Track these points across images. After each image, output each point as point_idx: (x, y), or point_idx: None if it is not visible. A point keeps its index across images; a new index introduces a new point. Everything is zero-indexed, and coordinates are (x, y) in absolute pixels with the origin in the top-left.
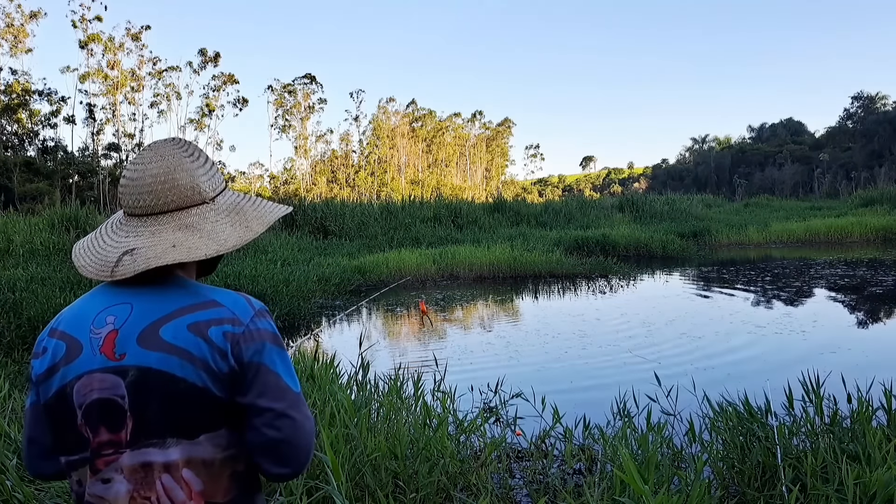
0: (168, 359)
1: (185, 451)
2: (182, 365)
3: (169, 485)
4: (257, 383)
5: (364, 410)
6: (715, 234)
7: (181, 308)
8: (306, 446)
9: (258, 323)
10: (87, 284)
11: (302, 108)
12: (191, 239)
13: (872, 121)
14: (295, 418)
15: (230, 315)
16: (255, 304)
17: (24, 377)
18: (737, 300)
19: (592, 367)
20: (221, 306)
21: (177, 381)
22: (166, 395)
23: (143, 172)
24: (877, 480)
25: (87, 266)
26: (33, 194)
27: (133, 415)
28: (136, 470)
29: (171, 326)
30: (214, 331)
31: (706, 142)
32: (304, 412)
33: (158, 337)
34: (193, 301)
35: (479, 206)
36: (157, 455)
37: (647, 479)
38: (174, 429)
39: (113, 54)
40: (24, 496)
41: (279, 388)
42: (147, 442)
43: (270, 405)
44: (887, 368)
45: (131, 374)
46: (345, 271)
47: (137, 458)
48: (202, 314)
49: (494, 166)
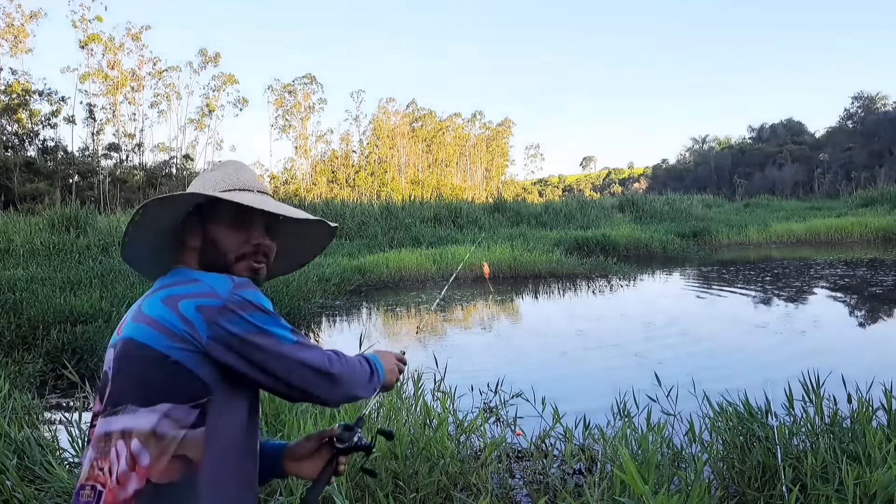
0: (142, 328)
1: (137, 420)
2: (151, 334)
3: (119, 452)
4: (253, 351)
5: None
6: (715, 235)
7: (163, 286)
8: (327, 377)
9: (238, 293)
10: (86, 286)
11: (302, 108)
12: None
13: (873, 121)
14: (301, 367)
15: (207, 290)
16: (237, 280)
17: (24, 377)
18: (737, 300)
19: (592, 367)
20: (199, 282)
21: (145, 348)
22: (134, 361)
23: None
24: (877, 481)
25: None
26: (33, 194)
27: (111, 385)
28: (101, 438)
29: (150, 300)
30: (185, 303)
31: (706, 142)
32: (302, 355)
33: (140, 311)
34: (177, 279)
35: (479, 206)
36: (116, 423)
37: (647, 479)
38: (134, 395)
39: (113, 54)
40: (24, 496)
41: (275, 348)
42: (112, 410)
43: (274, 370)
44: (887, 369)
45: (118, 347)
46: (345, 271)
47: (103, 426)
48: (177, 289)
49: (494, 166)
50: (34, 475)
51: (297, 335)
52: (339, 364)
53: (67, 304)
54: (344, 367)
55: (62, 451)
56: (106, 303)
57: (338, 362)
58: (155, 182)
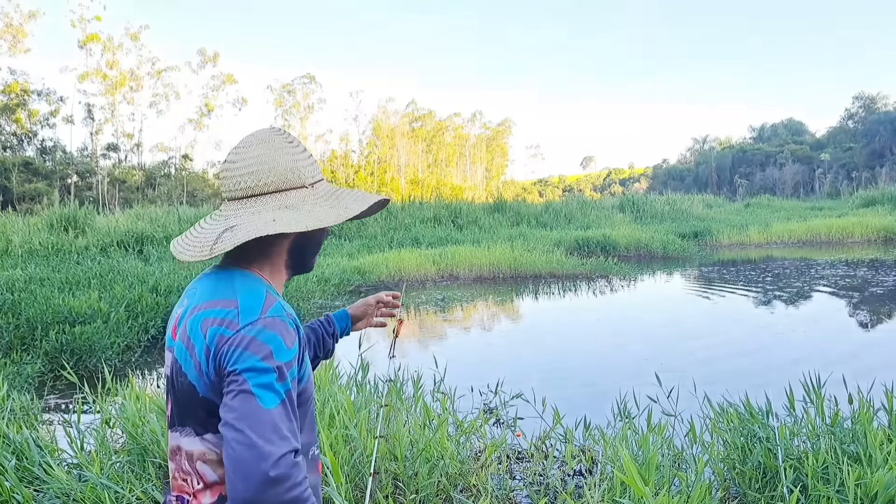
0: (182, 349)
1: (199, 444)
2: (186, 359)
3: (190, 468)
4: (228, 391)
5: (363, 411)
6: (716, 235)
7: (208, 301)
8: (248, 475)
9: (252, 331)
10: (85, 286)
11: (301, 108)
12: (291, 215)
13: (873, 121)
14: (243, 434)
15: (232, 317)
16: (268, 312)
17: (22, 378)
18: (737, 300)
19: (593, 368)
20: (233, 307)
21: (182, 373)
22: (181, 386)
23: (245, 154)
24: (878, 481)
25: (184, 251)
26: (32, 194)
27: (171, 398)
28: (174, 451)
29: (192, 319)
30: (212, 331)
31: (707, 142)
32: (260, 432)
33: (184, 327)
34: (220, 296)
35: (479, 206)
36: (181, 441)
37: (648, 480)
38: (192, 419)
39: (112, 54)
40: (22, 497)
41: (243, 401)
42: (178, 427)
43: (226, 416)
44: (888, 369)
45: (172, 362)
46: (344, 272)
47: (173, 439)
48: (213, 311)
49: (494, 166)
50: (33, 476)
51: (283, 405)
52: (292, 475)
53: (66, 304)
54: (288, 486)
55: (61, 452)
56: (104, 303)
57: (293, 473)
58: (153, 182)
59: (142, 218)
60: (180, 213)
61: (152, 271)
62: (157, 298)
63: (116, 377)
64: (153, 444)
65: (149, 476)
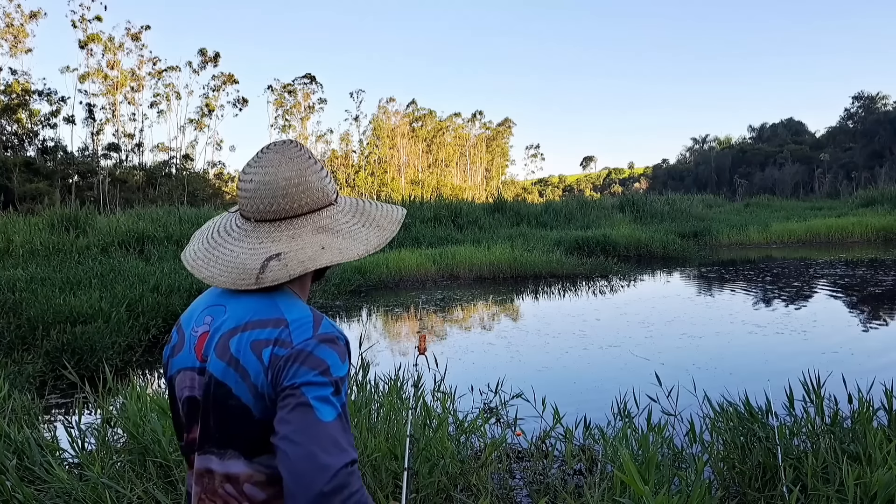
0: (228, 371)
1: (245, 467)
2: (238, 381)
3: (230, 493)
4: (284, 405)
5: (364, 411)
6: (715, 235)
7: (253, 321)
8: (309, 487)
9: (308, 346)
10: (86, 286)
11: (302, 108)
12: (336, 240)
13: (873, 121)
14: (303, 447)
15: (286, 336)
16: (321, 328)
17: (23, 377)
18: (737, 300)
19: (593, 368)
20: (285, 327)
21: (232, 396)
22: (224, 408)
23: (275, 176)
24: (877, 481)
25: (218, 276)
26: (33, 194)
27: (201, 419)
28: (203, 475)
29: (238, 339)
30: (266, 352)
31: (706, 142)
32: (320, 444)
33: (227, 347)
34: (267, 316)
35: (479, 206)
36: (218, 464)
37: (648, 479)
38: (238, 444)
39: (113, 54)
40: (23, 496)
41: (302, 414)
42: (209, 449)
43: (283, 429)
44: (888, 369)
45: (206, 379)
46: (344, 271)
47: (202, 462)
48: (265, 332)
49: (494, 166)
50: (34, 476)
51: (340, 418)
52: (350, 483)
53: (67, 304)
54: (346, 495)
55: (62, 451)
56: (105, 303)
57: (351, 482)
58: (154, 182)
59: (143, 218)
60: (181, 213)
61: (153, 271)
62: (157, 298)
63: (117, 377)
64: (154, 444)
65: (150, 475)
